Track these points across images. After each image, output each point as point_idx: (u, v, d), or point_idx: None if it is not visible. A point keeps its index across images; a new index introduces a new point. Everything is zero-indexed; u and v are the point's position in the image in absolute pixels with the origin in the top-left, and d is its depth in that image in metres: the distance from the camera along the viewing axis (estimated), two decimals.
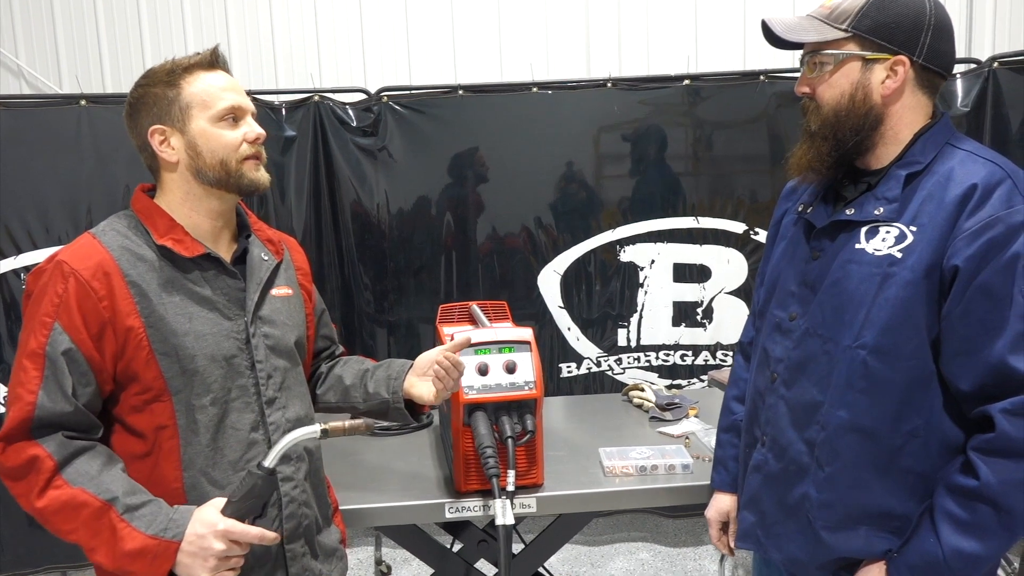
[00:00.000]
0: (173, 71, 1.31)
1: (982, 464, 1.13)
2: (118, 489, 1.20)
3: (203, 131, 1.29)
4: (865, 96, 1.23)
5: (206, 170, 1.30)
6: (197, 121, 1.29)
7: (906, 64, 1.22)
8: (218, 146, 1.30)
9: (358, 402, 1.55)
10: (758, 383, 1.40)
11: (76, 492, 1.18)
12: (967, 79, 2.93)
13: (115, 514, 1.18)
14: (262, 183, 1.35)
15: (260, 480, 1.20)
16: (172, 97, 1.30)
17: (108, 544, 1.19)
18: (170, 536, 1.19)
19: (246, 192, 1.34)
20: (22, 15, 3.36)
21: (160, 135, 1.30)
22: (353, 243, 3.12)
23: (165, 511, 1.22)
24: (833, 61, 1.24)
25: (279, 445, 1.21)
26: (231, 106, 1.31)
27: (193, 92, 1.30)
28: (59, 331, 1.20)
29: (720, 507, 1.55)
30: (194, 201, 1.33)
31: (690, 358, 3.22)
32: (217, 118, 1.30)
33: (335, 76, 3.38)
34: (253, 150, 1.33)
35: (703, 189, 3.12)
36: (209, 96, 1.30)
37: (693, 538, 3.25)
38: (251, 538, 1.22)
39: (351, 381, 1.57)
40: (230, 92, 1.32)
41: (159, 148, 1.31)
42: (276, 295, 1.41)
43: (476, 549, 1.92)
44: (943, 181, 1.20)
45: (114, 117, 2.84)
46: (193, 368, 1.26)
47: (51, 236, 2.85)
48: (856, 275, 1.23)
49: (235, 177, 1.31)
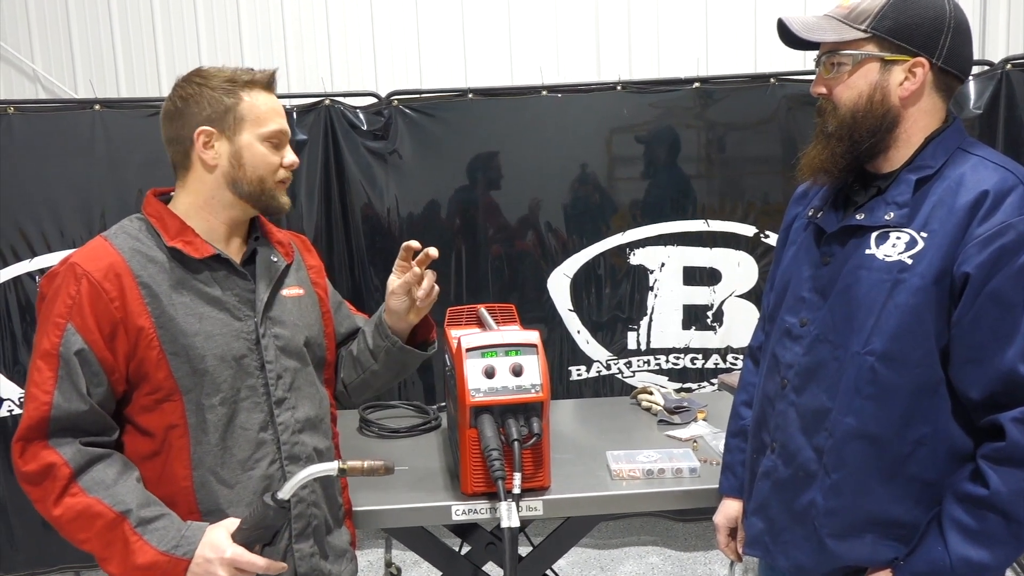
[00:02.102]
0: (235, 80, 1.33)
1: (992, 473, 1.13)
2: (133, 501, 1.21)
3: (250, 146, 1.33)
4: (883, 98, 1.22)
5: (243, 183, 1.33)
6: (247, 135, 1.33)
7: (925, 66, 1.21)
8: (261, 163, 1.34)
9: (372, 365, 1.58)
10: (767, 389, 1.39)
11: (92, 502, 1.20)
12: (980, 81, 2.90)
13: (128, 526, 1.20)
14: (285, 207, 1.40)
15: (273, 511, 1.22)
16: (229, 105, 1.32)
17: (120, 556, 1.21)
18: (181, 553, 1.21)
19: (270, 212, 1.40)
20: (38, 20, 3.41)
21: (206, 136, 1.32)
22: (363, 246, 3.13)
23: (177, 526, 1.23)
24: (851, 62, 1.23)
25: (296, 478, 1.22)
26: (280, 130, 1.36)
27: (249, 106, 1.33)
28: (72, 331, 1.22)
29: (728, 513, 1.55)
30: (217, 206, 1.35)
31: (700, 361, 3.20)
32: (265, 138, 1.35)
33: (346, 80, 3.40)
34: (287, 175, 1.39)
35: (713, 192, 3.10)
36: (263, 115, 1.34)
37: (703, 542, 3.24)
38: (258, 568, 1.23)
39: (357, 351, 1.60)
40: (280, 117, 1.38)
41: (202, 148, 1.32)
42: (287, 295, 1.42)
43: (484, 552, 1.92)
44: (954, 187, 1.19)
45: (128, 122, 2.89)
46: (203, 368, 1.28)
47: (65, 239, 2.88)
48: (866, 281, 1.22)
49: (267, 196, 1.36)
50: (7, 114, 2.82)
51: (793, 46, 1.30)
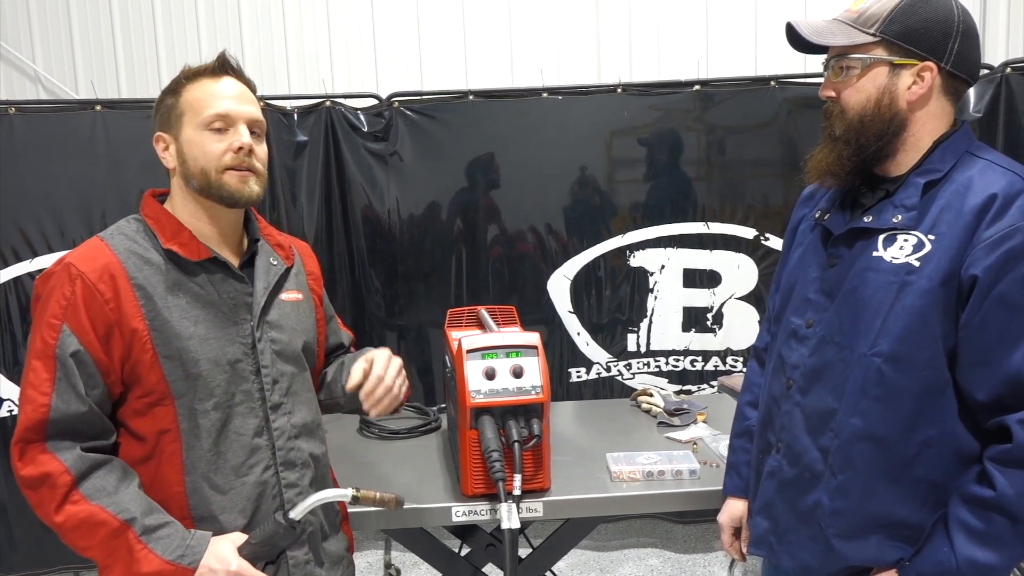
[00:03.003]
0: (180, 79, 1.31)
1: (999, 475, 1.13)
2: (136, 509, 1.20)
3: (189, 138, 1.29)
4: (891, 102, 1.22)
5: (192, 178, 1.29)
6: (187, 128, 1.29)
7: (934, 70, 1.21)
8: (200, 154, 1.28)
9: (339, 397, 1.54)
10: (773, 389, 1.39)
11: (95, 510, 1.18)
12: (980, 85, 2.90)
13: (133, 535, 1.19)
14: (244, 196, 1.29)
15: (283, 530, 1.22)
16: (171, 104, 1.31)
17: (124, 564, 1.20)
18: (186, 563, 1.20)
19: (228, 204, 1.30)
20: (39, 21, 3.41)
21: (162, 142, 1.32)
22: (364, 247, 3.13)
23: (182, 535, 1.22)
24: (860, 65, 1.23)
25: (309, 500, 1.23)
26: (216, 113, 1.27)
27: (188, 99, 1.29)
28: (67, 333, 1.20)
29: (732, 512, 1.54)
30: (193, 207, 1.32)
31: (700, 364, 3.21)
32: (203, 125, 1.28)
33: (347, 82, 3.41)
34: (236, 160, 1.28)
35: (713, 194, 3.11)
36: (199, 103, 1.28)
37: (703, 544, 3.24)
38: None
39: (331, 377, 1.57)
40: (225, 100, 1.29)
41: (161, 154, 1.32)
42: (285, 299, 1.40)
43: (484, 553, 1.92)
44: (962, 190, 1.19)
45: (129, 122, 2.89)
46: (196, 372, 1.26)
47: (66, 240, 2.88)
48: (873, 283, 1.22)
49: (215, 187, 1.28)
50: (8, 115, 2.82)
51: (801, 50, 1.31)
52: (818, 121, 1.35)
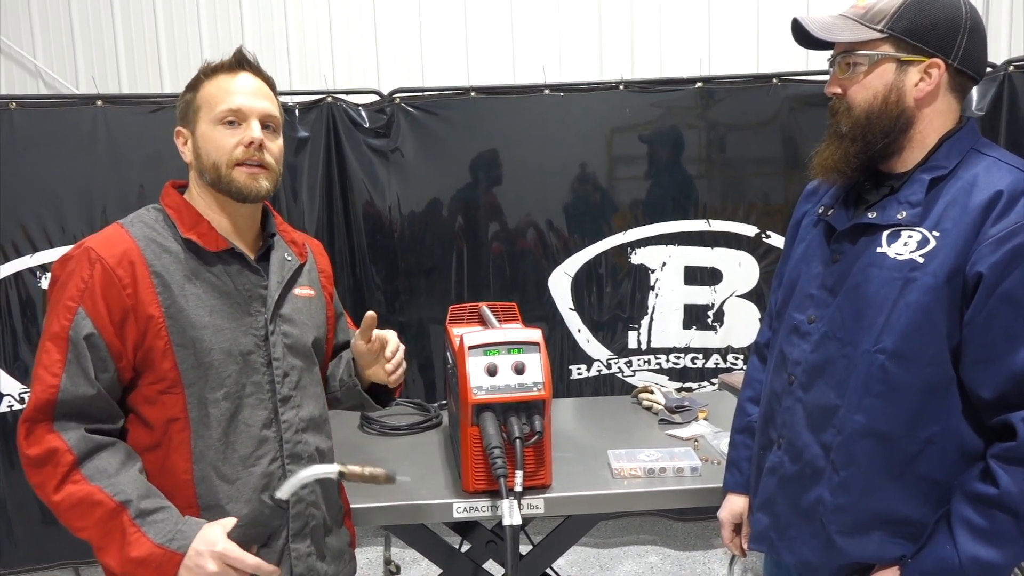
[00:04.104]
0: (199, 75, 1.34)
1: (1002, 472, 1.12)
2: (133, 492, 1.20)
3: (203, 133, 1.31)
4: (898, 98, 1.22)
5: (205, 172, 1.32)
6: (203, 123, 1.31)
7: (941, 67, 1.20)
8: (212, 148, 1.30)
9: (336, 391, 1.56)
10: (775, 385, 1.39)
11: (92, 490, 1.19)
12: (982, 83, 2.90)
13: (127, 517, 1.19)
14: (253, 192, 1.31)
15: (269, 510, 1.21)
16: (189, 99, 1.34)
17: (117, 546, 1.20)
18: (175, 547, 1.20)
19: (238, 199, 1.31)
20: (40, 15, 3.40)
21: (181, 137, 1.35)
22: (365, 243, 3.13)
23: (175, 520, 1.22)
24: (867, 62, 1.23)
25: (295, 478, 1.21)
26: (230, 108, 1.29)
27: (204, 94, 1.32)
28: (83, 316, 1.22)
29: (733, 508, 1.54)
30: (209, 200, 1.35)
31: (701, 361, 3.21)
32: (217, 120, 1.30)
33: (348, 78, 3.40)
34: (247, 155, 1.30)
35: (715, 192, 3.11)
36: (214, 98, 1.31)
37: (703, 542, 3.24)
38: (247, 566, 1.21)
39: (331, 371, 1.58)
40: (239, 95, 1.30)
41: (180, 149, 1.35)
42: (298, 295, 1.42)
43: (484, 550, 1.92)
44: (968, 187, 1.19)
45: (130, 117, 2.89)
46: (208, 361, 1.27)
47: (66, 235, 2.88)
48: (877, 279, 1.22)
49: (225, 181, 1.30)
50: (9, 109, 2.82)
51: (807, 46, 1.30)
52: (820, 119, 1.35)
